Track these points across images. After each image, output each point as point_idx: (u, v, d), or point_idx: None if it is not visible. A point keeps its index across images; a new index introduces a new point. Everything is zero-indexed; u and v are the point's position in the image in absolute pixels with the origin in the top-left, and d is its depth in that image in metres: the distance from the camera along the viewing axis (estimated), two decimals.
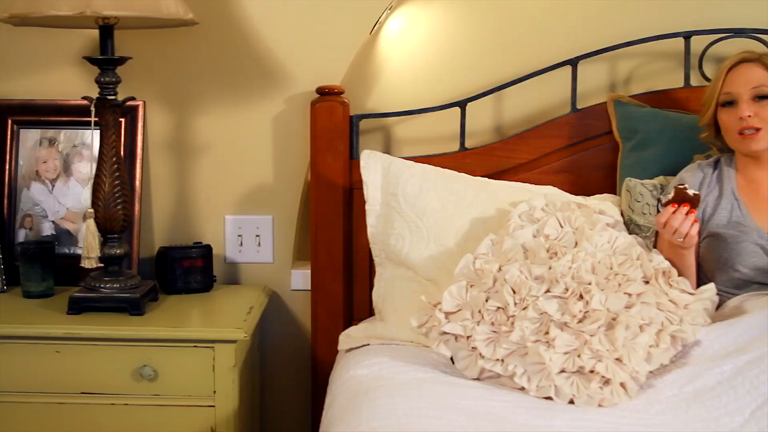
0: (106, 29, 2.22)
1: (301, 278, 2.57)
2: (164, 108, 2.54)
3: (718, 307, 2.13)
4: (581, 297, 1.93)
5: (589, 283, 1.94)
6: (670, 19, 2.54)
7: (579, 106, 2.52)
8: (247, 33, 2.49)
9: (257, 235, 2.57)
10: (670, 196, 2.06)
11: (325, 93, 2.45)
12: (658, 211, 2.19)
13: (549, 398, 1.84)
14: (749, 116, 2.14)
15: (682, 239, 2.04)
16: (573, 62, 2.49)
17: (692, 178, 2.25)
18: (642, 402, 1.84)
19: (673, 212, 2.03)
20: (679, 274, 2.09)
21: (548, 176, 2.47)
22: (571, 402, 1.83)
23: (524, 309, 1.93)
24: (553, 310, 1.91)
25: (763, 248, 2.13)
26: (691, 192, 2.04)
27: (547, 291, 1.95)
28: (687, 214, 2.03)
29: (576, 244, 2.06)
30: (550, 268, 1.98)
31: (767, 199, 2.19)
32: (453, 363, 1.98)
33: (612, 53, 2.54)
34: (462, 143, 2.51)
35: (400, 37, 2.61)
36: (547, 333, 1.89)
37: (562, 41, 2.56)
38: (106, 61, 2.23)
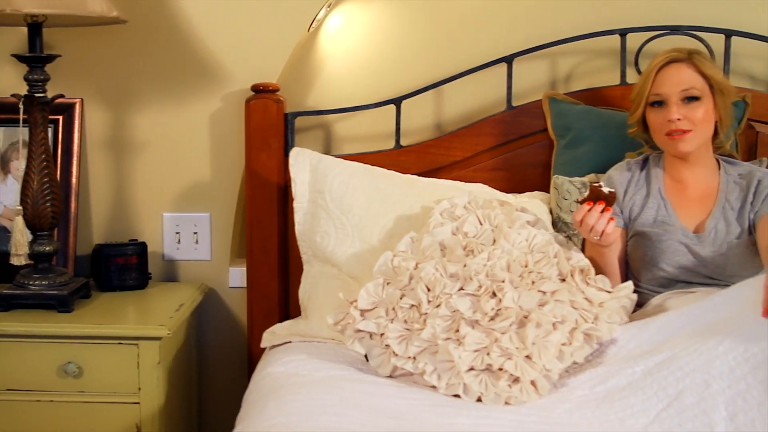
0: (34, 27, 2.22)
1: (238, 276, 2.56)
2: (102, 106, 2.53)
3: (643, 305, 2.13)
4: (494, 295, 1.92)
5: (503, 281, 1.93)
6: (606, 16, 2.52)
7: (521, 104, 2.51)
8: (184, 31, 2.48)
9: (195, 233, 2.57)
10: (586, 194, 2.04)
11: (260, 90, 2.44)
12: None
13: (458, 396, 1.84)
14: (678, 119, 2.12)
15: (598, 237, 2.03)
16: (508, 60, 2.48)
17: (620, 176, 2.24)
18: (551, 401, 1.83)
19: (588, 210, 2.02)
20: (602, 273, 2.08)
21: (483, 173, 2.46)
22: (480, 400, 1.83)
23: (437, 307, 1.92)
24: (465, 307, 1.90)
25: (687, 247, 2.12)
26: (606, 190, 2.02)
27: (461, 289, 1.94)
28: (602, 212, 2.02)
29: (494, 241, 2.05)
30: (465, 265, 1.97)
31: (693, 199, 2.19)
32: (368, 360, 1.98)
33: (551, 51, 2.53)
34: (398, 141, 2.50)
35: (339, 34, 2.60)
36: (457, 331, 1.88)
37: (499, 39, 2.55)
38: (34, 58, 2.23)
